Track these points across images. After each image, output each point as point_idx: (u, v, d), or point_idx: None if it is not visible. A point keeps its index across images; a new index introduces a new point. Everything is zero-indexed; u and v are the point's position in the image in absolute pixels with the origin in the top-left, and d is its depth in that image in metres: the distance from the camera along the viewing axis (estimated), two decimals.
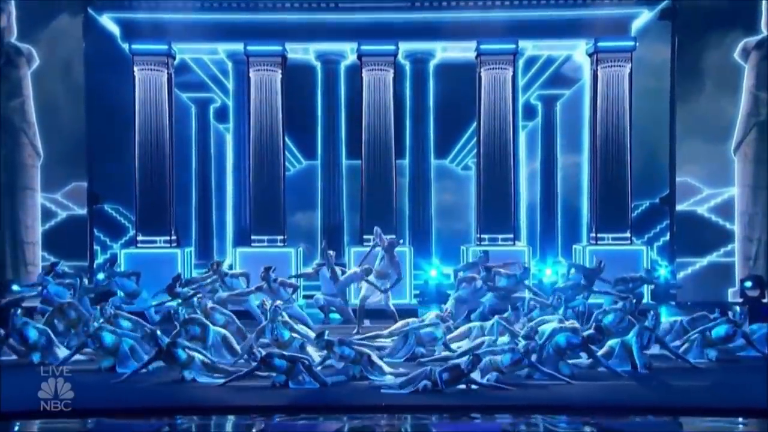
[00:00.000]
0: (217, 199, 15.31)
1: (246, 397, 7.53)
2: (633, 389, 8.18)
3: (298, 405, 7.51)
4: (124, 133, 13.55)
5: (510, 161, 13.51)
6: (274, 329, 8.77)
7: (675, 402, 7.68)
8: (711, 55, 13.35)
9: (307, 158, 15.29)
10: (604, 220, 13.41)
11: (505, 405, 7.56)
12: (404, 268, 12.73)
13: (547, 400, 7.65)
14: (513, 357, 8.27)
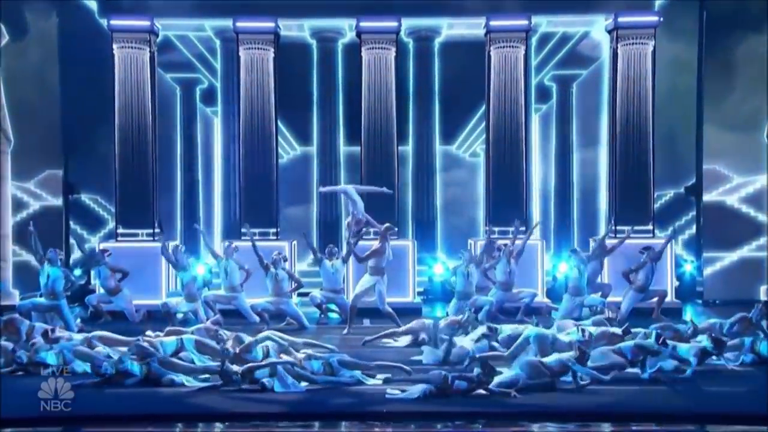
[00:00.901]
0: (205, 189, 15.40)
1: (239, 404, 7.63)
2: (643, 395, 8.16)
3: (294, 413, 7.54)
4: (103, 117, 13.48)
5: (522, 147, 13.43)
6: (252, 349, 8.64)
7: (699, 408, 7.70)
8: (743, 32, 13.33)
9: (302, 144, 15.38)
10: (624, 211, 13.30)
11: (514, 412, 7.56)
12: (407, 264, 12.86)
13: (558, 407, 7.73)
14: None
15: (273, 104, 13.32)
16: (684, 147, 14.15)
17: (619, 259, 12.16)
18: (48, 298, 10.80)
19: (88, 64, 13.67)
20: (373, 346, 10.13)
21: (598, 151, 14.92)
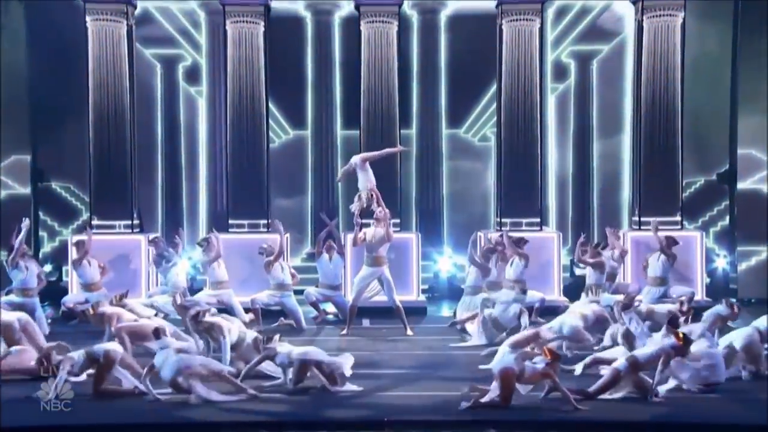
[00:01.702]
0: (189, 176, 15.30)
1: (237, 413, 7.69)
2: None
3: (291, 421, 7.61)
4: (76, 97, 13.42)
5: (536, 131, 13.30)
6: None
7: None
8: None
9: (296, 128, 15.30)
10: (649, 200, 13.21)
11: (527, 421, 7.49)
12: (410, 259, 12.81)
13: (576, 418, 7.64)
14: None
15: (263, 83, 13.23)
16: (716, 130, 14.11)
17: (644, 254, 12.17)
18: (20, 295, 10.74)
19: (59, 39, 13.64)
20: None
21: (621, 135, 14.94)
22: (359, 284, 11.21)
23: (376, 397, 8.23)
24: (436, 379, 8.86)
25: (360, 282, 11.21)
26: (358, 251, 11.90)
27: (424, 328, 11.59)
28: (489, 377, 8.18)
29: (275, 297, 11.50)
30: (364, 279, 11.19)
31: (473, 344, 10.29)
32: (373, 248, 11.07)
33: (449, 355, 10.06)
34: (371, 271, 11.14)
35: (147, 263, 12.57)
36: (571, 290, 12.73)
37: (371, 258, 11.14)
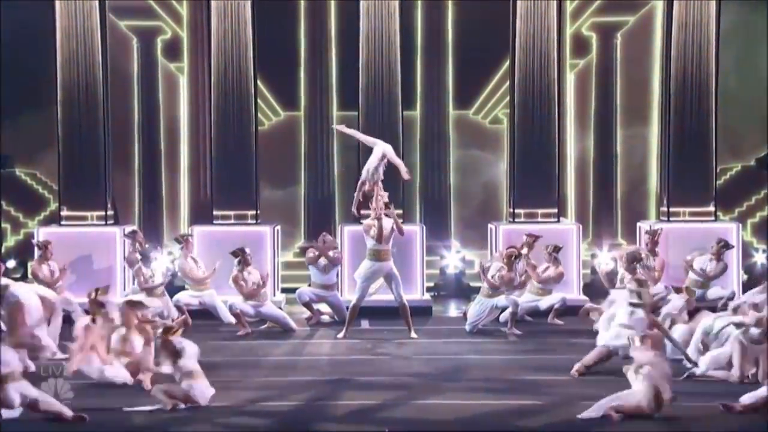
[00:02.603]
0: (169, 162, 15.24)
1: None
2: None
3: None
4: (42, 75, 13.31)
5: (553, 112, 13.21)
6: None
7: None
8: None
9: (287, 109, 15.24)
10: (679, 189, 13.16)
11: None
12: (414, 254, 12.76)
13: None
14: None
15: (251, 60, 13.15)
16: (754, 111, 13.99)
17: (679, 246, 12.16)
18: None
19: (22, 10, 13.50)
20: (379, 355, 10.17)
21: (648, 116, 14.85)
22: (363, 283, 11.09)
23: (382, 410, 8.14)
24: (452, 389, 8.74)
25: (364, 281, 11.10)
26: (358, 246, 11.80)
27: (431, 330, 11.53)
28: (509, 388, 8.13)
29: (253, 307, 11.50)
30: (369, 277, 11.07)
31: None
32: (383, 239, 10.94)
33: (460, 361, 9.98)
34: (376, 267, 11.00)
35: (123, 259, 12.51)
36: (593, 289, 12.69)
37: (377, 251, 10.96)
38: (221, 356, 10.09)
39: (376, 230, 10.86)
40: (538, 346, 10.63)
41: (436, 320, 12.33)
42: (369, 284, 11.09)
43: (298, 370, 9.54)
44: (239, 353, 10.35)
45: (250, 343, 10.87)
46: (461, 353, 10.31)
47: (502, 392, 8.60)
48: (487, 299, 11.30)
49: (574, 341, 10.70)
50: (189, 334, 10.98)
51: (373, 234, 10.88)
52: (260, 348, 10.60)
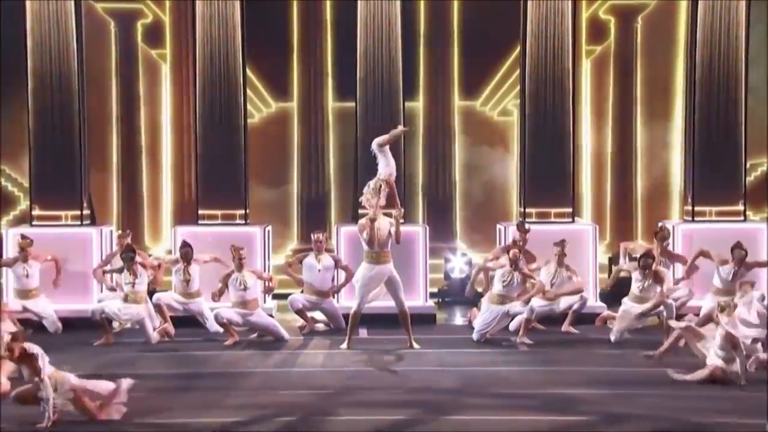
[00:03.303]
0: (150, 157, 15.23)
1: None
2: None
3: None
4: (11, 61, 13.30)
5: (568, 103, 13.17)
6: None
7: None
8: None
9: (279, 99, 15.23)
10: (705, 187, 13.12)
11: None
12: (416, 256, 12.74)
13: None
14: None
15: (240, 46, 13.13)
16: None
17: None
18: None
19: None
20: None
21: (671, 107, 14.84)
22: (362, 289, 11.00)
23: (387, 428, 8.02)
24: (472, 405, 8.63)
25: (362, 286, 10.99)
26: (355, 249, 11.78)
27: (435, 339, 11.46)
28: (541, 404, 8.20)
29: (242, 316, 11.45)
30: (367, 283, 10.98)
31: None
32: (376, 243, 10.85)
33: (471, 373, 9.91)
34: (375, 271, 10.90)
35: (101, 260, 12.46)
36: (611, 294, 12.53)
37: (375, 254, 10.88)
38: (206, 368, 10.03)
39: (368, 232, 10.76)
40: (556, 357, 10.53)
41: (440, 329, 12.31)
42: (369, 290, 11.00)
43: (291, 384, 9.45)
44: (226, 365, 10.28)
45: (237, 354, 10.79)
46: (471, 365, 10.24)
47: (535, 408, 8.46)
48: (497, 306, 11.23)
49: (596, 352, 10.68)
50: (169, 342, 11.15)
51: (366, 236, 10.80)
52: (249, 359, 10.53)
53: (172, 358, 10.57)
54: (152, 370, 9.90)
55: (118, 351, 10.84)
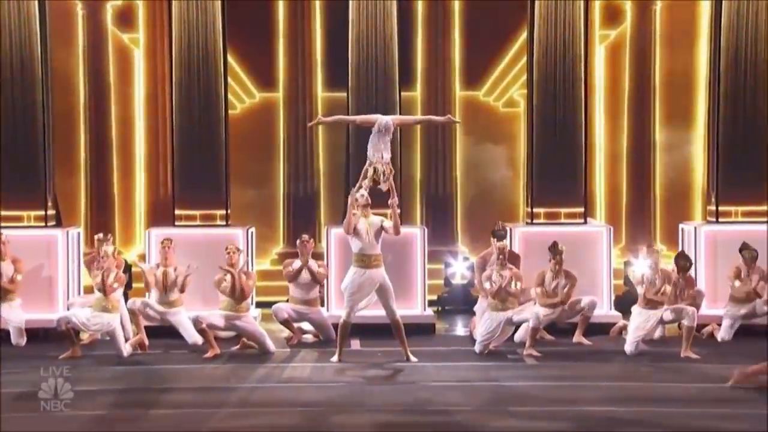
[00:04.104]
0: (121, 153, 15.26)
1: None
2: None
3: None
4: None
5: (580, 92, 13.22)
6: None
7: None
8: None
9: (263, 89, 15.27)
10: (730, 184, 13.14)
11: None
12: (414, 260, 12.80)
13: None
14: None
15: (220, 30, 13.15)
16: None
17: (728, 254, 12.15)
18: None
19: None
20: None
21: (694, 97, 14.88)
22: (350, 297, 10.96)
23: None
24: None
25: (353, 294, 10.94)
26: (348, 253, 11.77)
27: (435, 352, 11.44)
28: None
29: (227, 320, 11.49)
30: (358, 289, 10.95)
31: None
32: (366, 244, 10.87)
33: (479, 389, 9.88)
34: (365, 276, 10.87)
35: (67, 265, 12.51)
36: (627, 303, 12.49)
37: (365, 258, 10.86)
38: (181, 384, 9.99)
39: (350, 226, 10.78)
40: (574, 372, 10.46)
41: (440, 340, 12.31)
42: (359, 298, 10.94)
43: (275, 401, 9.42)
44: (204, 380, 10.24)
45: (218, 368, 10.76)
46: (475, 379, 10.20)
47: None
48: (497, 313, 11.23)
49: (617, 363, 10.69)
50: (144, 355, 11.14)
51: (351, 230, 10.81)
52: (230, 373, 10.47)
53: (145, 373, 10.52)
54: (121, 386, 9.84)
55: (86, 365, 10.75)
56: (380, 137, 10.93)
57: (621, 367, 10.66)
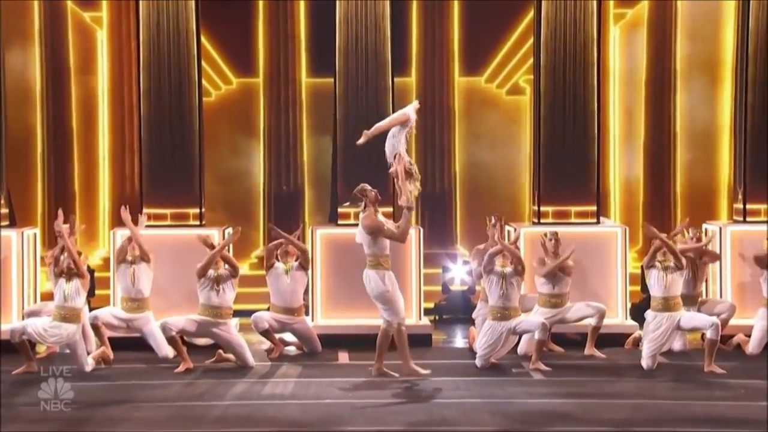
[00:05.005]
0: (83, 145, 15.27)
1: None
2: None
3: None
4: None
5: (591, 78, 13.25)
6: None
7: None
8: None
9: (241, 74, 15.41)
10: (759, 180, 13.13)
11: None
12: (409, 264, 12.82)
13: None
14: None
15: (194, 9, 13.17)
16: None
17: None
18: None
19: None
20: None
21: (718, 83, 14.91)
22: (399, 299, 10.93)
23: None
24: None
25: (397, 296, 10.93)
26: (335, 256, 11.94)
27: (432, 366, 11.30)
28: None
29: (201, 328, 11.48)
30: (397, 290, 10.97)
31: None
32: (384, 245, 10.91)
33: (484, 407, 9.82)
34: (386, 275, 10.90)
35: (23, 269, 12.51)
36: (644, 311, 12.36)
37: (388, 259, 10.90)
38: (148, 401, 9.93)
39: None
40: (586, 389, 10.41)
41: (437, 352, 12.32)
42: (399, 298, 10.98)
43: (253, 420, 9.36)
44: (175, 397, 10.17)
45: (191, 384, 10.71)
46: (479, 397, 10.15)
47: None
48: (498, 322, 11.21)
49: (633, 379, 10.68)
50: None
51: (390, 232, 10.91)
52: (205, 391, 10.41)
53: (110, 390, 10.45)
54: (83, 405, 9.66)
55: (42, 382, 10.63)
56: (402, 130, 11.10)
57: (637, 384, 10.64)
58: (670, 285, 11.16)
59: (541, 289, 11.87)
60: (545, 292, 11.85)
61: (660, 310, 11.19)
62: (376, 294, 10.87)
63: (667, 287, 11.16)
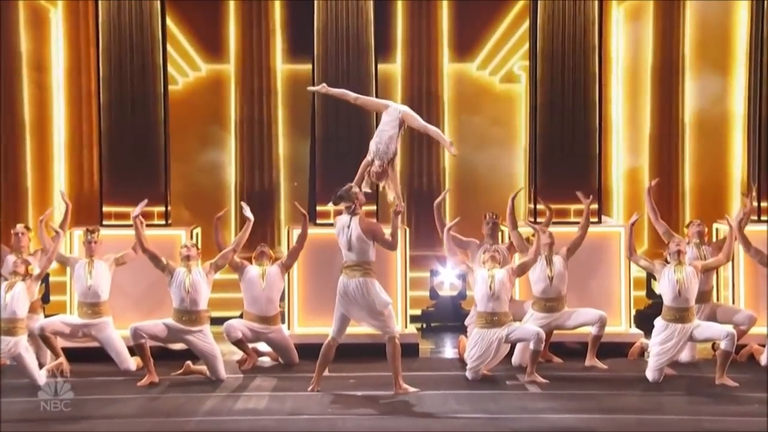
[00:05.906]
0: (36, 137, 15.27)
1: None
2: None
3: None
4: None
5: (594, 64, 13.33)
6: None
7: None
8: None
9: (210, 60, 15.45)
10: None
11: None
12: (395, 268, 12.87)
13: None
14: None
15: None
16: None
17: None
18: None
19: None
20: None
21: (729, 70, 14.98)
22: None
23: None
24: None
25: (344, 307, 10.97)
26: (315, 258, 11.99)
27: (419, 378, 11.39)
28: None
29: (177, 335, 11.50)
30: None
31: None
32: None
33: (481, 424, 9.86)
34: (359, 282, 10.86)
35: None
36: (649, 318, 12.40)
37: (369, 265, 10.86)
38: (111, 418, 9.93)
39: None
40: (586, 403, 10.43)
41: (424, 363, 12.37)
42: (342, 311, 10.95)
43: None
44: (140, 413, 10.18)
45: (157, 398, 10.73)
46: (470, 412, 10.18)
47: None
48: (487, 330, 11.23)
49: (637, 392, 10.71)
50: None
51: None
52: (171, 406, 10.41)
53: (65, 405, 10.32)
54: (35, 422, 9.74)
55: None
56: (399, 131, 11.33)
57: (642, 397, 10.70)
58: (686, 292, 11.07)
59: (536, 292, 11.88)
60: (540, 296, 11.86)
61: (672, 321, 11.13)
62: (383, 305, 10.84)
63: (683, 295, 11.07)
